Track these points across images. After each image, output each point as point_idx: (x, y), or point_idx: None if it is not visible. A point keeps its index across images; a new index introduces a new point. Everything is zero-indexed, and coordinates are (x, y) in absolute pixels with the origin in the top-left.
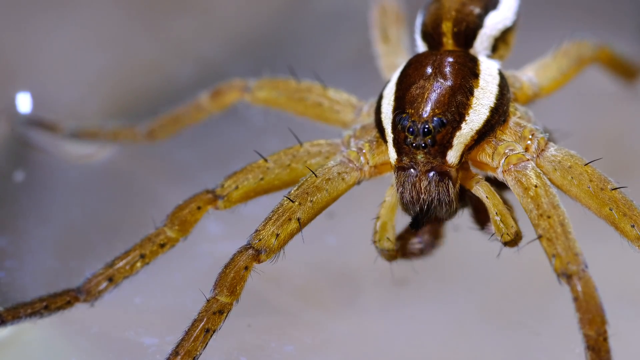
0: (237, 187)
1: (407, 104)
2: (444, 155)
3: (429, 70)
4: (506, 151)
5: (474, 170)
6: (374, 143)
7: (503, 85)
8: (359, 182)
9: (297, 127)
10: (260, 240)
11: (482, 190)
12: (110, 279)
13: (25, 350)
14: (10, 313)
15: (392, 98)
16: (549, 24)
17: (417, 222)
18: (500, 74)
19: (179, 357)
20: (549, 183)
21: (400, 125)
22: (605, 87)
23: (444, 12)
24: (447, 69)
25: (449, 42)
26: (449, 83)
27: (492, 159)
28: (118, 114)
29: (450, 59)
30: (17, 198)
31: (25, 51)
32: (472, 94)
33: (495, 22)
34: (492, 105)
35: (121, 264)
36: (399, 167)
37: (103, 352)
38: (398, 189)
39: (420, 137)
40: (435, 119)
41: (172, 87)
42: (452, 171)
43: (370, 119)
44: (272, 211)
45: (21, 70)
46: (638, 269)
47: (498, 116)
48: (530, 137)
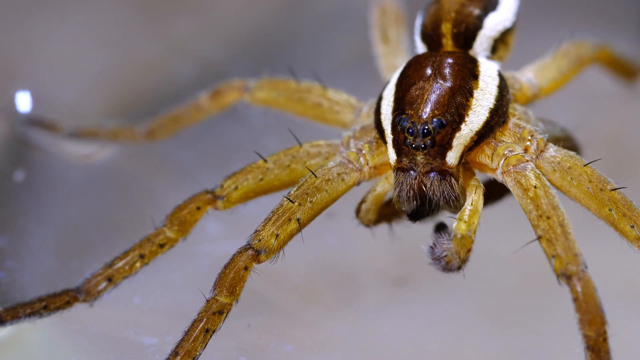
0: (236, 188)
1: (406, 105)
2: (443, 156)
3: (429, 71)
4: (505, 152)
5: (476, 173)
6: (374, 144)
7: (502, 87)
8: (358, 183)
9: (297, 128)
10: (259, 240)
11: (474, 193)
12: (110, 279)
13: (24, 350)
14: (10, 313)
15: (392, 99)
16: (549, 24)
17: (416, 215)
18: (500, 75)
19: (179, 357)
20: (548, 184)
21: (400, 126)
22: (605, 87)
23: (444, 13)
24: (447, 70)
25: (448, 43)
26: (448, 84)
27: (491, 160)
28: (118, 114)
29: (450, 60)
30: (17, 198)
31: (25, 51)
32: (471, 95)
33: (494, 24)
34: (492, 106)
35: (120, 264)
36: (399, 168)
37: (102, 352)
38: (395, 188)
39: (420, 138)
40: (434, 120)
41: (172, 87)
42: (451, 171)
43: (370, 120)
44: (272, 212)
45: (21, 70)
46: (638, 269)
47: (497, 117)
48: (529, 138)
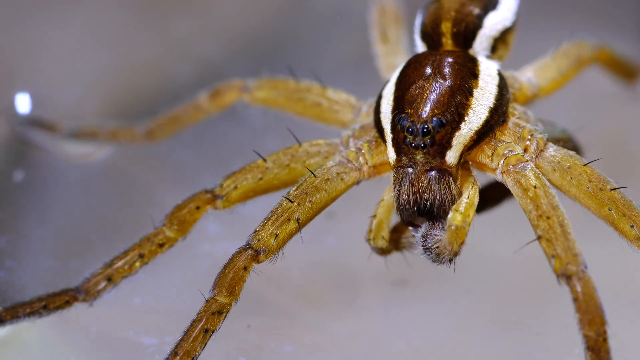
0: (236, 187)
1: (406, 104)
2: (443, 156)
3: (428, 70)
4: (505, 152)
5: (474, 172)
6: (373, 143)
7: (502, 86)
8: (358, 183)
9: (296, 127)
10: (259, 240)
11: (471, 188)
12: (109, 279)
13: (24, 349)
14: (9, 312)
15: (392, 98)
16: (549, 24)
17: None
18: (500, 75)
19: (178, 357)
20: (548, 184)
21: (400, 125)
22: (605, 88)
23: (444, 13)
24: (447, 69)
25: (448, 43)
26: (448, 83)
27: (491, 160)
28: (117, 114)
29: (450, 59)
30: (16, 198)
31: (24, 51)
32: (471, 95)
33: (494, 23)
34: (492, 105)
35: (120, 263)
36: (398, 167)
37: (102, 352)
38: (395, 187)
39: (420, 137)
40: (434, 119)
41: (171, 87)
42: (451, 170)
43: (370, 119)
44: (271, 211)
45: (20, 71)
46: (637, 269)
47: (497, 117)
48: (529, 137)
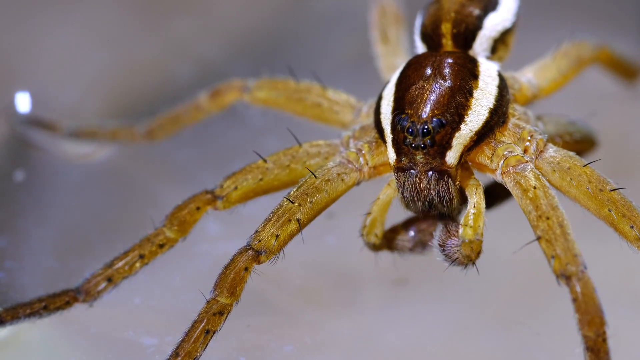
0: (236, 188)
1: (406, 104)
2: (443, 156)
3: (429, 71)
4: (505, 153)
5: (475, 173)
6: (373, 144)
7: (502, 87)
8: (358, 183)
9: (296, 128)
10: (260, 241)
11: (475, 194)
12: (110, 279)
13: (24, 350)
14: (10, 313)
15: (392, 99)
16: (549, 24)
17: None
18: (500, 76)
19: (179, 358)
20: (547, 184)
21: (400, 126)
22: (605, 88)
23: (444, 14)
24: (447, 70)
25: (448, 44)
26: (448, 84)
27: (491, 161)
28: (117, 114)
29: (450, 60)
30: (17, 198)
31: (24, 51)
32: (471, 95)
33: (494, 24)
34: (492, 106)
35: (120, 264)
36: (398, 167)
37: (102, 353)
38: (399, 189)
39: (420, 137)
40: (434, 119)
41: (172, 87)
42: (451, 170)
43: (370, 120)
44: (272, 212)
45: (20, 70)
46: (637, 269)
47: (497, 117)
48: (529, 138)
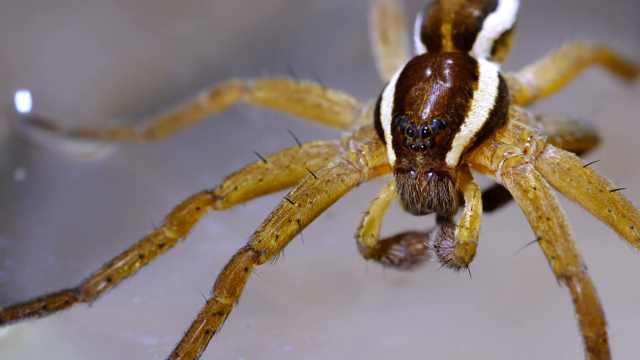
0: (236, 188)
1: (406, 105)
2: (443, 157)
3: (429, 72)
4: (505, 154)
5: (474, 175)
6: (373, 145)
7: (502, 88)
8: (358, 184)
9: (296, 128)
10: (259, 241)
11: (473, 198)
12: (109, 279)
13: (23, 350)
14: (9, 313)
15: (392, 99)
16: (549, 24)
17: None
18: (500, 77)
19: (179, 358)
20: (547, 185)
21: (400, 127)
22: (605, 88)
23: (444, 15)
24: (447, 71)
25: (448, 45)
26: (448, 85)
27: (490, 162)
28: (117, 113)
29: (450, 61)
30: (17, 197)
31: (24, 50)
32: (471, 96)
33: (494, 25)
34: (492, 107)
35: (120, 264)
36: (398, 168)
37: (102, 352)
38: (398, 190)
39: (420, 138)
40: (434, 120)
41: (172, 87)
42: (451, 172)
43: (370, 121)
44: (272, 212)
45: (21, 69)
46: (637, 270)
47: (497, 119)
48: (528, 139)
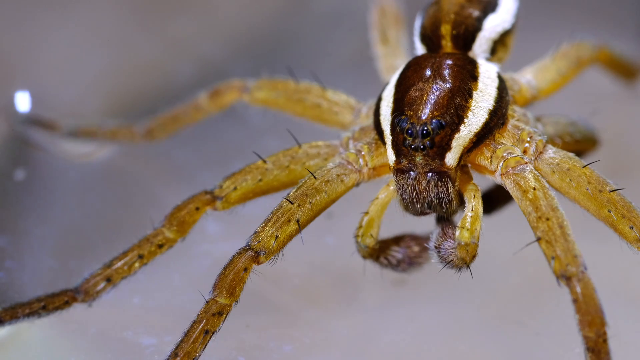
0: (235, 188)
1: (406, 105)
2: (442, 157)
3: (428, 72)
4: (504, 154)
5: (474, 176)
6: (373, 145)
7: (502, 88)
8: (357, 184)
9: (296, 128)
10: (259, 241)
11: (473, 198)
12: (109, 279)
13: (23, 350)
14: (8, 313)
15: (391, 100)
16: (549, 24)
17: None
18: (499, 77)
19: (179, 358)
20: (547, 185)
21: (399, 127)
22: (605, 88)
23: (443, 15)
24: (446, 72)
25: (447, 45)
26: (447, 85)
27: (490, 162)
28: (117, 113)
29: (449, 62)
30: (16, 197)
31: (24, 50)
32: (471, 97)
33: (494, 25)
34: (491, 107)
35: (119, 264)
36: (398, 169)
37: (101, 353)
38: (398, 190)
39: (419, 139)
40: (434, 121)
41: (171, 87)
42: (450, 172)
43: (369, 121)
44: (271, 213)
45: (20, 69)
46: (637, 270)
47: (497, 119)
48: (528, 139)
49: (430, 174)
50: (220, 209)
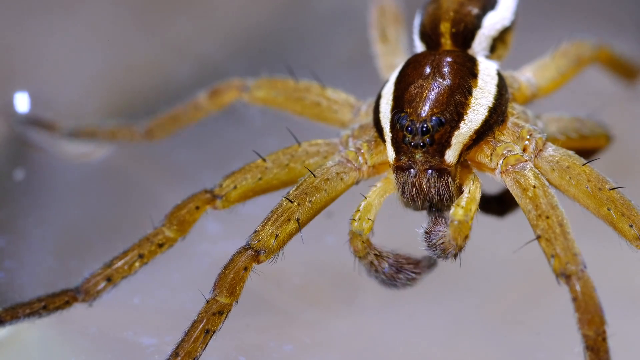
0: (235, 187)
1: (405, 103)
2: (442, 155)
3: (428, 70)
4: (504, 152)
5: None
6: (373, 143)
7: (501, 86)
8: (357, 182)
9: (296, 127)
10: (259, 241)
11: (472, 184)
12: (109, 279)
13: (23, 350)
14: (9, 313)
15: (391, 97)
16: (549, 23)
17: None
18: (499, 75)
19: (179, 358)
20: (547, 183)
21: (399, 125)
22: (605, 87)
23: (442, 13)
24: (446, 69)
25: (447, 43)
26: (447, 82)
27: (490, 160)
28: (116, 113)
29: (449, 59)
30: (16, 197)
31: (23, 50)
32: (470, 94)
33: (493, 23)
34: (491, 105)
35: (119, 263)
36: (398, 166)
37: (102, 352)
38: (398, 187)
39: (419, 136)
40: (433, 118)
41: (171, 87)
42: (450, 169)
43: (369, 119)
44: (271, 212)
45: (20, 70)
46: (637, 269)
47: (496, 116)
48: (528, 137)
49: (430, 171)
50: (220, 208)
